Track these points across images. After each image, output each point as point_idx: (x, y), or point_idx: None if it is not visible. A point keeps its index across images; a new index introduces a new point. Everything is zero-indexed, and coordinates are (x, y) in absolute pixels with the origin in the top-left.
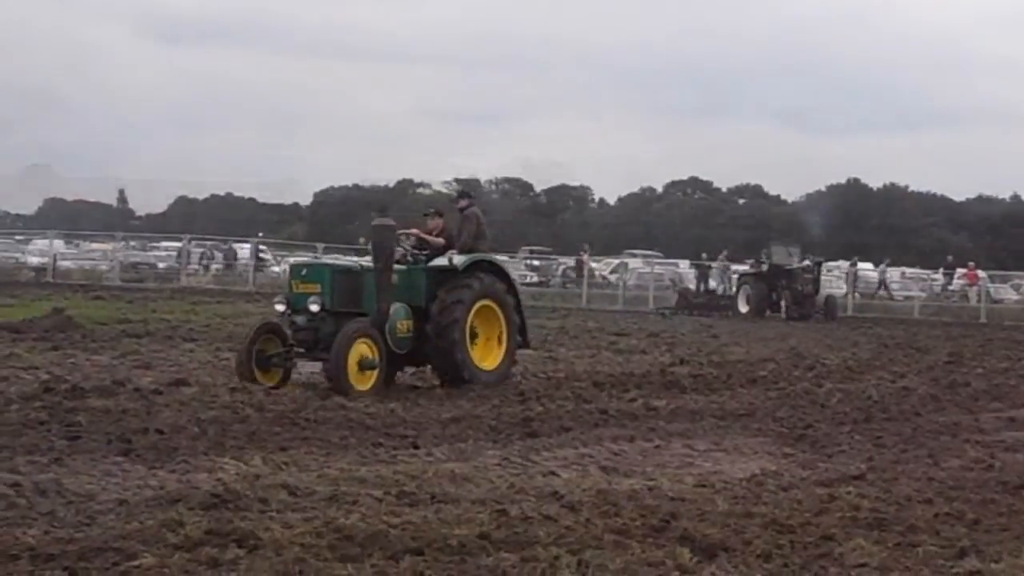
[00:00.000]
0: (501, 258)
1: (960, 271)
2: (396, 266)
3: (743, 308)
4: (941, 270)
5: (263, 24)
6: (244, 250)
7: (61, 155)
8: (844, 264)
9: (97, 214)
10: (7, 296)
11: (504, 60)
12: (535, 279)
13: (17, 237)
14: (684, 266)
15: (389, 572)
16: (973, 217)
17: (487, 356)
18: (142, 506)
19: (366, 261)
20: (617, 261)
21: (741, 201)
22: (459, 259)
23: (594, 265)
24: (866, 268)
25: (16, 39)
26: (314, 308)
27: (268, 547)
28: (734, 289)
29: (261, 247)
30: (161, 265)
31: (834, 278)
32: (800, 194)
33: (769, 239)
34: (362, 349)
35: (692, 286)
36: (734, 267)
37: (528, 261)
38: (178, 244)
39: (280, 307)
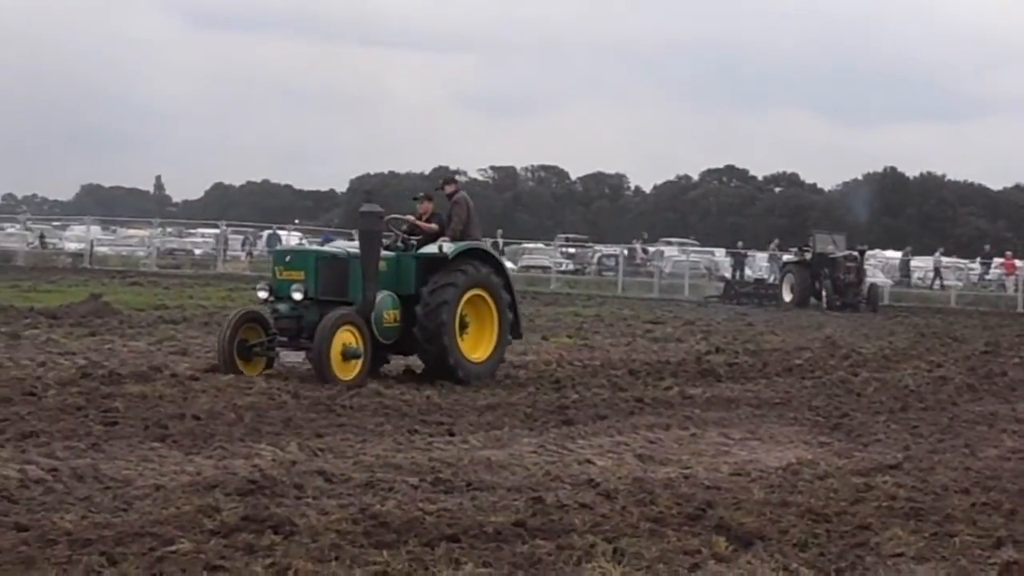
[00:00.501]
0: (537, 245)
1: (997, 260)
2: (385, 253)
3: (787, 296)
4: (978, 259)
5: (300, 10)
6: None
7: (98, 142)
8: (879, 252)
9: (134, 200)
10: (45, 282)
11: (540, 48)
12: (571, 267)
13: (54, 223)
14: (720, 254)
15: (424, 559)
16: (1011, 206)
17: (477, 347)
18: (178, 492)
19: (353, 248)
20: (653, 249)
21: (777, 190)
22: (449, 247)
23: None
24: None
25: (51, 25)
26: (297, 296)
27: (304, 533)
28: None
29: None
30: (198, 251)
31: (870, 267)
32: (837, 183)
33: (812, 227)
34: (346, 337)
35: (728, 274)
36: (785, 256)
37: (564, 249)
38: (214, 230)
39: (262, 294)
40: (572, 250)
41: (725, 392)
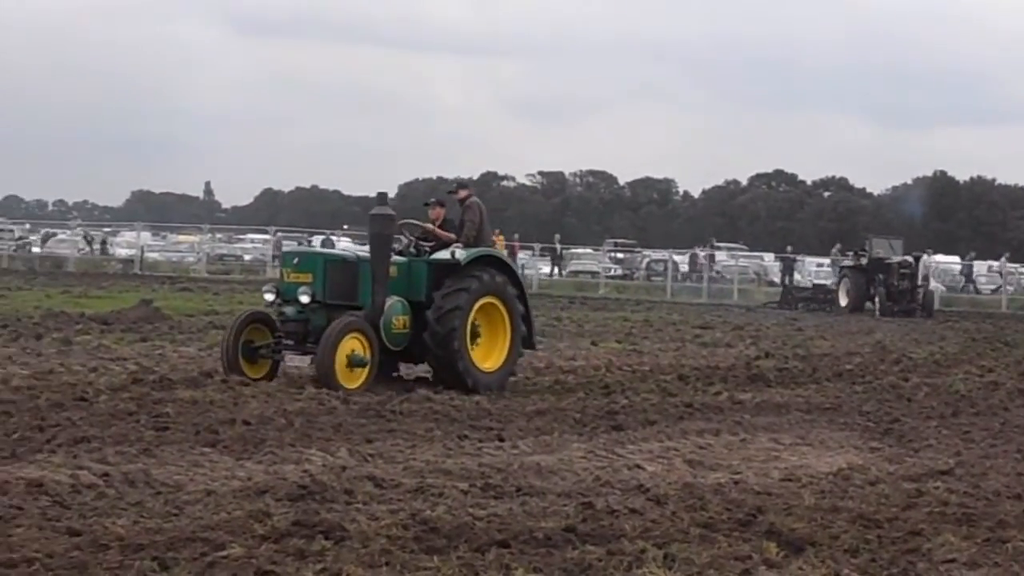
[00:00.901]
0: (585, 250)
1: None
2: (397, 258)
3: (843, 301)
4: None
5: (349, 16)
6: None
7: (148, 148)
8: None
9: (184, 206)
10: (96, 288)
11: (588, 52)
12: (619, 272)
13: (105, 229)
14: (769, 259)
15: (475, 564)
16: None
17: (489, 356)
18: (229, 497)
19: (364, 252)
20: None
21: (826, 194)
22: (462, 253)
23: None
24: (952, 261)
25: (101, 32)
26: (304, 299)
27: (354, 539)
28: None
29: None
30: (247, 257)
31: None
32: (886, 187)
33: (863, 231)
34: (352, 345)
35: (776, 279)
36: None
37: (612, 254)
38: (264, 236)
39: (269, 296)
40: (621, 255)
41: (775, 397)
